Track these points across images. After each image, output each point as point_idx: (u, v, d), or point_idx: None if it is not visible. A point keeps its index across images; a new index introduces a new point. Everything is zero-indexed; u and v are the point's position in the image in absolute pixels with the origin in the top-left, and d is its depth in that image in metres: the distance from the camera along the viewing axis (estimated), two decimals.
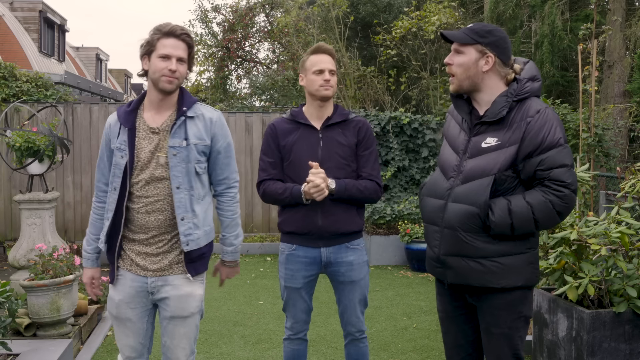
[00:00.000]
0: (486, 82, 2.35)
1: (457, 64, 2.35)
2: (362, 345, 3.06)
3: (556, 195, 2.23)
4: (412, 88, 10.49)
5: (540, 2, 10.80)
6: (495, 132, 2.32)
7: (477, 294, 2.39)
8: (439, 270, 2.44)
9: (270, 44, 14.29)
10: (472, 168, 2.32)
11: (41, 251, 4.20)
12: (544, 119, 2.25)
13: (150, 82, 2.48)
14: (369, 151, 2.99)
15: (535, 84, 2.34)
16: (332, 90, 2.94)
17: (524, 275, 2.33)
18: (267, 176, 2.97)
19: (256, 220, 8.87)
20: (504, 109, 2.29)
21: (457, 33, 2.36)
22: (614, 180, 6.51)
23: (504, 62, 2.34)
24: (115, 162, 2.49)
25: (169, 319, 2.55)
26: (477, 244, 2.29)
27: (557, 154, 2.23)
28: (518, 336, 2.37)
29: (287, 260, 2.98)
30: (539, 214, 2.24)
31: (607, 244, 3.25)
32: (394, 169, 7.92)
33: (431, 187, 2.48)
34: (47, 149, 5.10)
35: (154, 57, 2.43)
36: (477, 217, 2.26)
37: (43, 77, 9.19)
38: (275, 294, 6.00)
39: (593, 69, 5.02)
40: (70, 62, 24.17)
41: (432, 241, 2.43)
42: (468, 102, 2.44)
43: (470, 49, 2.32)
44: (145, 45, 2.46)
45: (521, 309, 2.36)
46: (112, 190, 2.49)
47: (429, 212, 2.45)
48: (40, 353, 3.57)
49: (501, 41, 2.33)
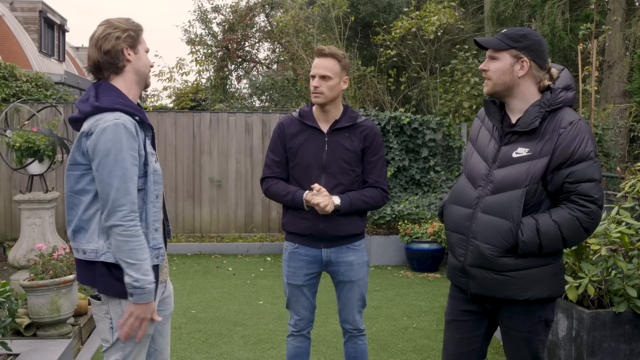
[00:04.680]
0: (521, 88, 2.30)
1: (493, 70, 2.30)
2: (360, 343, 3.08)
3: (583, 212, 2.19)
4: (412, 88, 10.49)
5: (541, 2, 10.80)
6: (526, 142, 2.26)
7: (496, 303, 2.36)
8: (462, 280, 2.40)
9: (271, 44, 14.27)
10: (503, 178, 2.27)
11: (41, 251, 4.20)
12: (577, 130, 2.21)
13: (135, 76, 2.30)
14: (377, 157, 2.98)
15: (570, 93, 2.29)
16: (323, 97, 2.86)
17: (550, 287, 2.29)
18: (271, 174, 3.00)
19: (256, 220, 8.87)
20: (536, 119, 2.24)
21: (491, 39, 2.32)
22: (614, 180, 6.51)
23: (540, 65, 2.29)
24: (153, 168, 2.26)
25: (167, 317, 2.51)
26: (502, 259, 2.25)
27: (587, 167, 2.19)
28: (538, 339, 2.34)
29: (290, 258, 3.02)
30: (567, 232, 2.20)
31: (607, 244, 3.25)
32: (394, 169, 7.92)
33: (457, 195, 2.42)
34: (47, 149, 5.10)
35: (141, 49, 2.31)
36: (509, 232, 2.22)
37: (43, 77, 9.19)
38: (275, 294, 6.00)
39: (593, 69, 5.02)
40: (70, 62, 24.18)
41: (457, 250, 2.37)
42: (500, 109, 2.39)
43: (505, 55, 2.28)
44: (130, 35, 2.27)
45: (542, 314, 2.33)
46: (154, 199, 2.26)
47: (455, 220, 2.39)
48: (40, 353, 3.57)
49: (536, 44, 2.28)
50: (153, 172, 2.25)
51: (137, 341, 2.25)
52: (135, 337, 2.23)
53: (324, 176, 2.91)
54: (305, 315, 3.05)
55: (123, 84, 2.28)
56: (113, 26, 2.26)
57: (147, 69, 2.34)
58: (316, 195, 2.82)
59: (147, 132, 2.29)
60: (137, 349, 2.29)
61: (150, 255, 2.21)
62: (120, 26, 2.26)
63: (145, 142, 2.24)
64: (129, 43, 2.26)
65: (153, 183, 2.25)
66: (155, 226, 2.27)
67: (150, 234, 2.24)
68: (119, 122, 2.15)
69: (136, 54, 2.29)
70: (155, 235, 2.26)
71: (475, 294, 2.38)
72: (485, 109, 2.41)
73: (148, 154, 2.24)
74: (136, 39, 2.29)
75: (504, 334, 2.40)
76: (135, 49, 2.29)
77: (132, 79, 2.30)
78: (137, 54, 2.29)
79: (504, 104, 2.39)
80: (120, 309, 2.23)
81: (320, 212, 2.83)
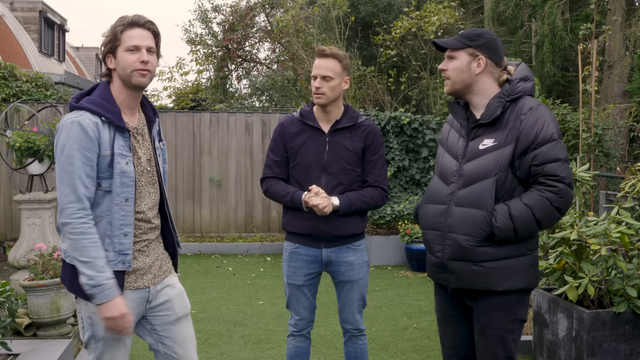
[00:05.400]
0: (480, 85, 2.40)
1: (451, 69, 2.41)
2: (360, 343, 3.09)
3: (552, 192, 2.25)
4: (412, 88, 10.49)
5: (541, 2, 10.80)
6: (491, 133, 2.35)
7: (474, 296, 2.40)
8: (441, 276, 2.45)
9: (271, 44, 14.28)
10: (472, 170, 2.34)
11: (41, 251, 4.20)
12: (537, 115, 2.29)
13: (120, 81, 2.24)
14: (377, 157, 2.99)
15: (528, 83, 2.38)
16: (325, 97, 2.87)
17: (526, 278, 2.35)
18: (271, 174, 3.00)
19: (256, 220, 8.87)
20: (497, 109, 2.33)
21: (448, 40, 2.44)
22: (614, 180, 6.51)
23: (496, 63, 2.40)
24: (120, 169, 2.18)
25: (174, 322, 2.37)
26: (480, 248, 2.30)
27: (551, 148, 2.26)
28: (512, 339, 2.39)
29: (290, 257, 3.02)
30: (539, 213, 2.25)
31: (607, 244, 3.25)
32: (394, 169, 7.92)
33: (430, 194, 2.49)
34: (47, 149, 5.10)
35: (120, 51, 2.20)
36: (484, 220, 2.27)
37: (43, 77, 9.19)
38: (275, 294, 6.00)
39: (593, 69, 5.02)
40: (70, 62, 24.17)
41: (435, 246, 2.42)
42: (465, 108, 2.48)
43: (462, 53, 2.38)
44: (107, 42, 2.22)
45: (517, 311, 2.37)
46: (123, 202, 2.19)
47: (430, 218, 2.45)
48: (40, 353, 3.57)
49: (491, 43, 2.39)
50: (120, 174, 2.18)
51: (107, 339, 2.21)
52: (104, 338, 2.20)
53: (325, 176, 2.91)
54: (306, 315, 3.05)
55: (114, 88, 2.27)
56: (105, 33, 2.25)
57: (126, 70, 2.21)
58: (314, 197, 2.82)
59: (122, 134, 2.22)
60: (108, 350, 2.25)
61: (115, 259, 2.18)
62: (104, 35, 2.24)
63: (113, 142, 2.18)
64: (109, 49, 2.23)
65: (120, 185, 2.19)
66: (125, 231, 2.20)
67: (116, 238, 2.19)
68: (75, 120, 2.14)
69: (116, 58, 2.23)
70: (123, 240, 2.19)
71: (455, 289, 2.43)
72: (451, 109, 2.50)
73: (116, 154, 2.18)
74: (114, 42, 2.21)
75: (479, 334, 2.43)
76: (115, 53, 2.22)
77: (119, 83, 2.26)
78: (117, 57, 2.22)
79: (468, 103, 2.47)
80: (87, 309, 2.22)
81: (318, 213, 2.83)
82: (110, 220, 2.19)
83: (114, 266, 2.18)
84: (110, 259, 2.18)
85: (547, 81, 10.71)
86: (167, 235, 2.46)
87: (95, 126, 2.15)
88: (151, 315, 2.35)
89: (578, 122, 6.05)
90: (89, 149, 2.13)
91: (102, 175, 2.17)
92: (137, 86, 2.24)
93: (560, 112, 6.62)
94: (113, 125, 2.20)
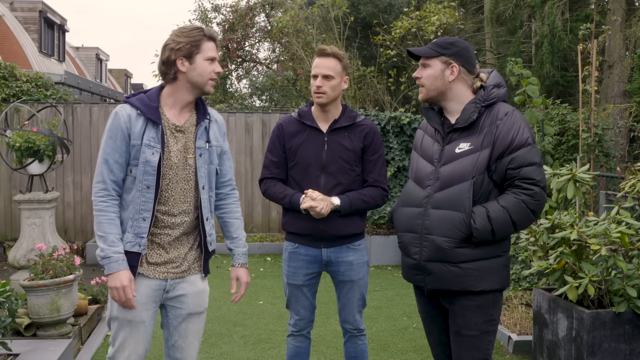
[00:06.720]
0: (454, 92, 2.46)
1: (425, 77, 2.46)
2: (360, 343, 3.09)
3: (527, 195, 2.31)
4: (412, 88, 10.49)
5: (540, 2, 10.80)
6: (467, 137, 2.41)
7: (450, 296, 2.44)
8: (418, 278, 2.49)
9: (270, 44, 14.27)
10: (449, 173, 2.39)
11: (41, 251, 4.20)
12: (512, 120, 2.36)
13: (189, 83, 2.42)
14: (376, 156, 2.99)
15: (501, 90, 2.45)
16: (326, 97, 2.88)
17: (501, 278, 2.42)
18: (270, 175, 3.01)
19: (256, 220, 8.88)
20: (474, 113, 2.39)
21: (422, 48, 2.50)
22: (614, 180, 6.51)
23: (469, 70, 2.46)
24: (145, 159, 2.35)
25: (184, 316, 2.52)
26: (459, 250, 2.35)
27: (527, 152, 2.33)
28: (488, 340, 2.43)
29: (290, 257, 3.02)
30: (515, 215, 2.31)
31: (607, 244, 3.25)
32: (394, 169, 7.92)
33: (406, 197, 2.54)
34: (47, 149, 5.10)
35: (199, 58, 2.39)
36: (462, 222, 2.32)
37: (43, 77, 9.20)
38: (275, 294, 6.00)
39: (593, 69, 5.02)
40: (70, 62, 24.17)
41: (412, 249, 2.47)
42: (440, 114, 2.53)
43: (436, 61, 2.44)
44: (185, 47, 2.38)
45: (492, 312, 2.43)
46: (144, 188, 2.36)
47: (406, 220, 2.49)
48: (40, 353, 3.57)
49: (464, 51, 2.45)
50: (144, 162, 2.36)
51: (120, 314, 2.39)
52: (117, 317, 2.40)
53: (324, 176, 2.91)
54: (305, 315, 3.05)
55: (170, 89, 2.45)
56: (173, 36, 2.40)
57: (203, 78, 2.41)
58: (312, 199, 2.82)
59: (154, 127, 2.38)
60: (122, 331, 2.41)
61: (133, 241, 2.37)
62: (176, 38, 2.39)
63: (144, 133, 2.36)
64: (184, 53, 2.38)
65: (143, 173, 2.37)
66: (144, 215, 2.38)
67: (136, 222, 2.38)
68: (115, 112, 2.40)
69: (192, 64, 2.39)
70: (142, 224, 2.38)
71: (432, 290, 2.47)
72: (425, 115, 2.55)
73: (144, 145, 2.36)
74: (194, 49, 2.38)
75: (455, 336, 2.46)
76: (191, 59, 2.39)
77: (184, 86, 2.43)
78: (193, 64, 2.39)
79: (442, 109, 2.52)
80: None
81: (316, 216, 2.83)
82: (134, 205, 2.38)
83: (131, 247, 2.38)
84: (129, 240, 2.38)
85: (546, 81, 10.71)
86: (202, 234, 2.54)
87: (128, 117, 2.37)
88: (168, 305, 2.52)
89: (578, 122, 6.05)
90: (119, 137, 2.37)
91: (133, 163, 2.38)
92: (207, 93, 2.48)
93: (560, 112, 6.62)
94: (146, 118, 2.38)
